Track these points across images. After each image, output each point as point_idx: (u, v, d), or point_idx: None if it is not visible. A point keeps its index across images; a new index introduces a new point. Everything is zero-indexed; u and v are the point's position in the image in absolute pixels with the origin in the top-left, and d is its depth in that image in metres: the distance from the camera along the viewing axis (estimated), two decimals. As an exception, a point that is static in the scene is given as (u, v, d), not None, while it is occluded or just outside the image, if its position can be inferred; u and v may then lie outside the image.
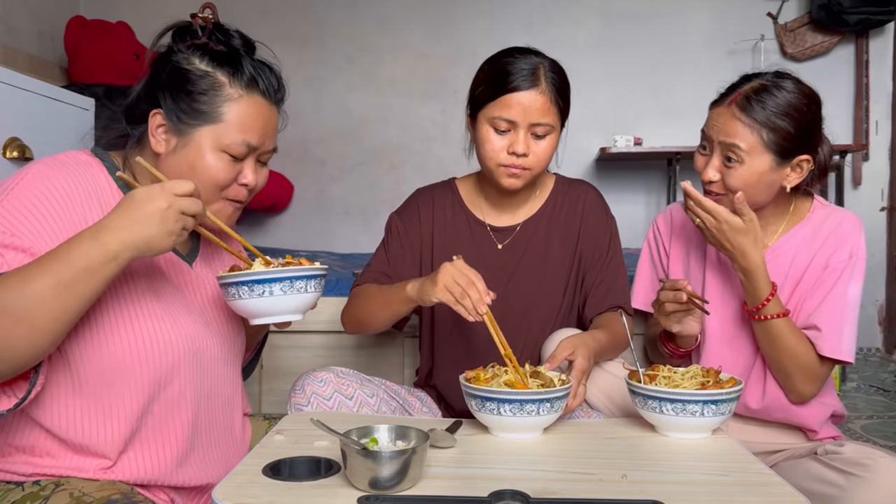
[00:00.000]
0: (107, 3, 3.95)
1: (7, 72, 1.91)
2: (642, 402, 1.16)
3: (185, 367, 1.11)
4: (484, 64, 1.45)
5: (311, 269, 1.11)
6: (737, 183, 1.35)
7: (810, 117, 1.37)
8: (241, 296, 1.08)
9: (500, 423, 1.13)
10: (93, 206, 1.05)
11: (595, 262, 1.53)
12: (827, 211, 1.47)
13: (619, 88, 4.17)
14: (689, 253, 1.56)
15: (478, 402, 1.13)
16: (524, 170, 1.40)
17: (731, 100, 1.36)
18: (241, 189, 1.15)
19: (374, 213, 4.21)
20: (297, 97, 5.05)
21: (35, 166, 1.04)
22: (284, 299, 1.09)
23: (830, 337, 1.37)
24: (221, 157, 1.11)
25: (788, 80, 1.37)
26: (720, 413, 1.13)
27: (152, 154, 1.12)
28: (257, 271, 1.08)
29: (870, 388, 3.12)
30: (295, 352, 1.99)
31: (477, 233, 1.54)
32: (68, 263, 0.90)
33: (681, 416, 1.13)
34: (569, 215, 1.54)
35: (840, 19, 3.89)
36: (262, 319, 1.12)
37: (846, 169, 3.92)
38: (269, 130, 1.16)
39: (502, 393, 1.10)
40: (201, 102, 1.09)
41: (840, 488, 1.19)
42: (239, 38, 1.17)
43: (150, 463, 1.08)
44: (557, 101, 1.40)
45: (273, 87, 1.15)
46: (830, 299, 1.39)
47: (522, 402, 1.09)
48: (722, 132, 1.36)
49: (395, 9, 4.25)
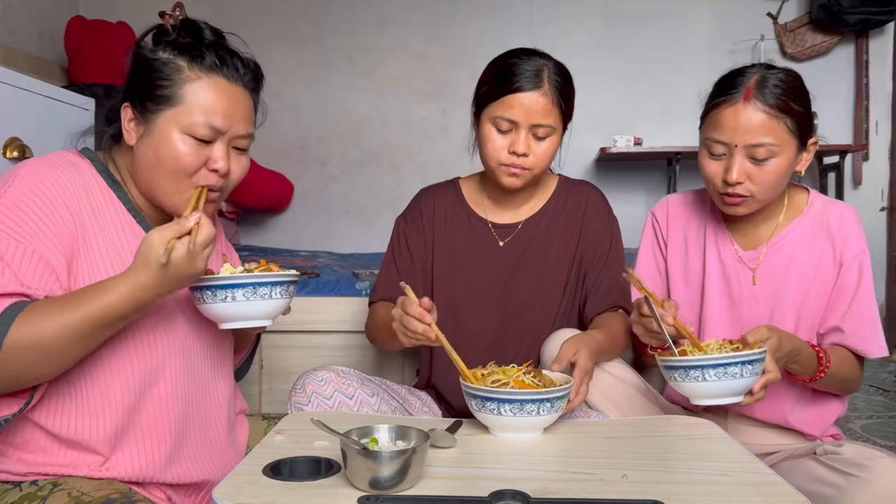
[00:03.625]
0: (107, 3, 3.95)
1: (7, 72, 1.91)
2: (683, 374, 1.16)
3: (175, 363, 1.12)
4: (490, 63, 1.46)
5: (275, 275, 1.10)
6: (769, 178, 1.33)
7: (807, 95, 1.37)
8: (206, 300, 1.08)
9: (500, 423, 1.12)
10: (83, 205, 1.06)
11: (596, 262, 1.53)
12: (824, 203, 1.46)
13: (619, 88, 4.17)
14: (686, 243, 1.55)
15: (478, 402, 1.12)
16: (524, 169, 1.41)
17: (745, 97, 1.31)
18: (212, 175, 1.12)
19: (374, 213, 4.21)
20: (297, 97, 5.08)
21: (24, 168, 1.05)
22: (247, 305, 1.08)
23: (871, 338, 1.39)
24: (185, 141, 1.09)
25: (774, 67, 1.37)
26: (755, 373, 1.15)
27: (128, 150, 1.13)
28: (220, 276, 1.08)
29: (870, 388, 3.12)
30: (295, 352, 2.00)
31: (478, 230, 1.55)
32: (105, 311, 0.96)
33: (723, 381, 1.13)
34: (571, 215, 1.55)
35: (840, 19, 3.89)
36: (228, 324, 1.12)
37: (846, 169, 3.93)
38: (236, 113, 1.12)
39: (502, 393, 1.10)
40: (163, 87, 1.09)
41: (839, 489, 1.18)
42: (208, 29, 1.16)
43: (142, 460, 1.09)
44: (560, 103, 1.41)
45: (238, 70, 1.13)
46: (860, 299, 1.39)
47: (523, 402, 1.09)
48: (745, 133, 1.31)
49: (395, 9, 4.25)
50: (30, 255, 0.98)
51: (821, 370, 1.34)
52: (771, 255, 1.43)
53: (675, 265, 1.55)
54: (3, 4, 3.28)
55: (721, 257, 1.48)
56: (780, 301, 1.43)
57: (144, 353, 1.08)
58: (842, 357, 1.38)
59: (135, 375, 1.07)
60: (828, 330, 1.42)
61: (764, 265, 1.44)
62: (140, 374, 1.08)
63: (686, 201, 1.58)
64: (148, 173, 1.11)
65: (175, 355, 1.12)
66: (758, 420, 1.47)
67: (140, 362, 1.08)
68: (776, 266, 1.43)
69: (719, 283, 1.48)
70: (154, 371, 1.09)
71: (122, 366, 1.06)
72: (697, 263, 1.52)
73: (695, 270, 1.52)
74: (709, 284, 1.48)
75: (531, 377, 1.16)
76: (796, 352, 1.29)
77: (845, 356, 1.39)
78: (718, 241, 1.49)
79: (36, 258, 0.98)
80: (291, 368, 1.96)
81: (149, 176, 1.11)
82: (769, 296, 1.44)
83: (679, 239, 1.56)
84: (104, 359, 1.06)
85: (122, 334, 1.06)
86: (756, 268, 1.45)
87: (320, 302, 2.03)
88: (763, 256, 1.44)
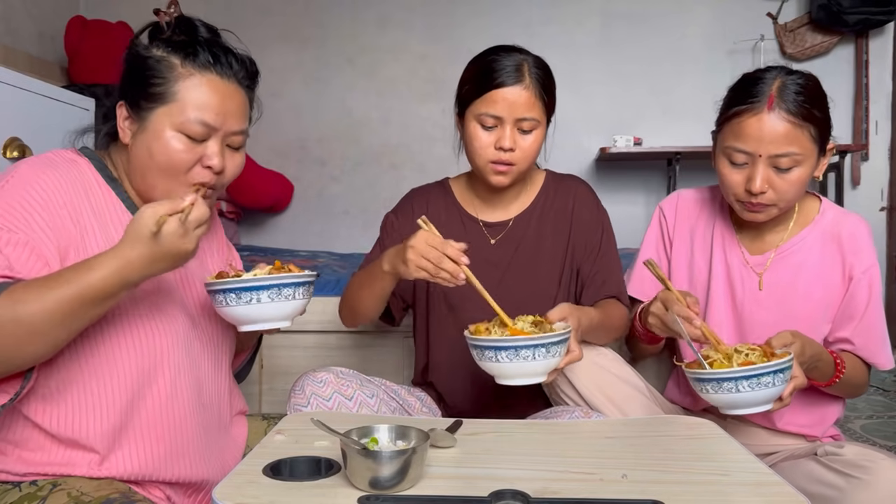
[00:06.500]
0: (107, 3, 3.95)
1: (7, 72, 1.91)
2: (716, 386, 1.15)
3: (173, 360, 1.12)
4: (470, 63, 1.47)
5: (299, 276, 1.11)
6: (793, 188, 1.32)
7: (826, 99, 1.35)
8: (229, 303, 1.08)
9: (500, 370, 1.16)
10: (82, 202, 1.07)
11: (588, 254, 1.54)
12: (836, 213, 1.45)
13: (619, 88, 4.17)
14: (693, 242, 1.54)
15: (478, 351, 1.16)
16: (511, 166, 1.42)
17: (769, 106, 1.29)
18: (206, 172, 1.12)
19: (374, 213, 4.19)
20: (297, 97, 5.08)
21: (22, 165, 1.06)
22: (272, 307, 1.09)
23: (880, 351, 1.41)
24: (178, 138, 1.09)
25: (792, 70, 1.35)
26: (785, 381, 1.15)
27: (125, 148, 1.14)
28: (245, 279, 1.08)
29: (870, 388, 3.12)
30: (295, 352, 1.99)
31: (470, 229, 1.55)
32: (89, 287, 0.93)
33: (756, 391, 1.13)
34: (560, 209, 1.56)
35: (840, 19, 3.89)
36: (249, 327, 1.12)
37: (846, 169, 3.93)
38: (230, 110, 1.12)
39: (499, 341, 1.13)
40: (156, 85, 1.09)
41: (839, 490, 1.18)
42: (203, 27, 1.16)
43: (140, 458, 1.09)
44: (542, 96, 1.41)
45: (231, 66, 1.13)
46: (871, 313, 1.40)
47: (518, 349, 1.12)
48: (770, 143, 1.29)
49: (395, 9, 4.25)
50: (22, 245, 0.98)
51: (837, 375, 1.35)
52: (779, 261, 1.43)
53: (679, 264, 1.54)
54: (3, 4, 3.28)
55: (727, 260, 1.48)
56: (786, 308, 1.42)
57: (142, 351, 1.08)
58: (853, 363, 1.40)
59: (132, 373, 1.07)
60: (837, 340, 1.42)
61: (771, 271, 1.44)
62: (138, 371, 1.08)
63: (697, 199, 1.57)
64: (143, 171, 1.11)
65: (174, 353, 1.12)
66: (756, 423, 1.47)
67: (138, 360, 1.08)
68: (783, 273, 1.43)
69: (724, 286, 1.47)
70: (152, 368, 1.09)
71: (120, 363, 1.06)
72: (703, 264, 1.51)
73: (700, 271, 1.51)
74: (714, 287, 1.48)
75: (532, 326, 1.19)
76: (817, 357, 1.30)
77: (857, 362, 1.41)
78: (726, 243, 1.49)
79: (28, 249, 0.98)
80: (291, 368, 1.96)
81: (144, 174, 1.11)
82: (774, 302, 1.43)
83: (685, 237, 1.55)
84: (101, 355, 1.05)
85: (120, 331, 1.06)
86: (763, 273, 1.44)
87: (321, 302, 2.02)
88: (770, 262, 1.44)
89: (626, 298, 1.54)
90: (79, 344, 1.04)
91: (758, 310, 1.44)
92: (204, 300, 1.21)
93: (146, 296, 1.10)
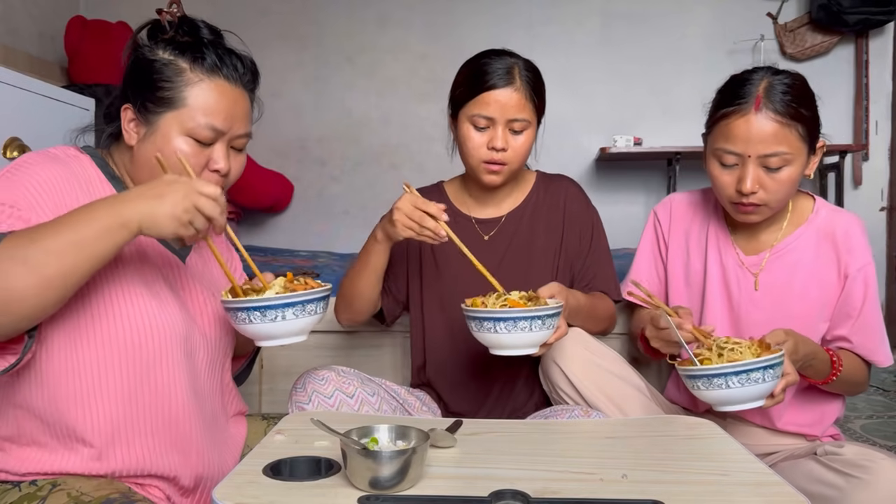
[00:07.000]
0: (107, 3, 3.94)
1: (7, 72, 1.91)
2: (706, 382, 1.16)
3: (171, 356, 1.11)
4: (462, 66, 1.52)
5: (321, 291, 1.12)
6: (783, 187, 1.33)
7: (814, 98, 1.36)
8: (253, 321, 1.08)
9: (497, 340, 1.20)
10: (84, 196, 1.07)
11: (580, 250, 1.57)
12: (829, 211, 1.46)
13: (618, 88, 4.17)
14: (688, 245, 1.54)
15: (476, 322, 1.21)
16: (502, 165, 1.46)
17: (756, 106, 1.30)
18: (213, 175, 1.14)
19: (374, 213, 4.16)
20: (296, 97, 5.07)
21: (29, 157, 1.07)
22: (295, 323, 1.10)
23: (879, 349, 1.41)
24: (188, 143, 1.11)
25: (778, 70, 1.36)
26: (776, 377, 1.15)
27: (127, 149, 1.15)
28: (269, 297, 1.08)
29: (870, 388, 3.12)
30: (295, 352, 1.99)
31: (463, 226, 1.57)
32: (87, 223, 0.93)
33: (746, 387, 1.14)
34: (551, 207, 1.58)
35: (840, 19, 3.89)
36: (270, 342, 1.12)
37: (846, 169, 3.92)
38: (237, 114, 1.15)
39: (497, 312, 1.18)
40: (165, 89, 1.10)
41: (839, 490, 1.18)
42: (206, 28, 1.17)
43: (138, 452, 1.09)
44: (533, 97, 1.45)
45: (237, 70, 1.15)
46: (867, 311, 1.40)
47: (516, 320, 1.17)
48: (758, 143, 1.30)
49: (395, 8, 4.24)
50: (24, 223, 0.98)
51: (833, 373, 1.35)
52: (774, 261, 1.43)
53: (675, 267, 1.55)
54: (3, 4, 3.28)
55: (723, 261, 1.48)
56: (782, 307, 1.42)
57: (140, 346, 1.07)
58: (851, 361, 1.40)
59: (131, 364, 1.07)
60: (834, 338, 1.42)
61: (766, 271, 1.44)
62: (136, 366, 1.08)
63: (690, 201, 1.58)
64: (150, 174, 1.11)
65: (172, 349, 1.11)
66: (756, 423, 1.47)
67: (136, 355, 1.07)
68: (779, 272, 1.43)
69: (720, 287, 1.48)
70: (150, 364, 1.09)
71: (118, 357, 1.06)
72: (699, 266, 1.52)
73: (696, 273, 1.51)
74: (709, 288, 1.48)
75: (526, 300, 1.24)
76: (812, 356, 1.30)
77: (855, 360, 1.41)
78: (721, 244, 1.49)
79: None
80: (291, 368, 1.96)
81: (151, 176, 1.11)
82: (770, 302, 1.43)
83: (681, 240, 1.56)
84: (99, 350, 1.05)
85: (118, 325, 1.06)
86: (758, 273, 1.44)
87: (320, 302, 2.03)
88: (766, 262, 1.44)
89: (616, 295, 1.57)
90: (75, 335, 1.04)
91: (754, 310, 1.44)
92: (205, 301, 1.21)
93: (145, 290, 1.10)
